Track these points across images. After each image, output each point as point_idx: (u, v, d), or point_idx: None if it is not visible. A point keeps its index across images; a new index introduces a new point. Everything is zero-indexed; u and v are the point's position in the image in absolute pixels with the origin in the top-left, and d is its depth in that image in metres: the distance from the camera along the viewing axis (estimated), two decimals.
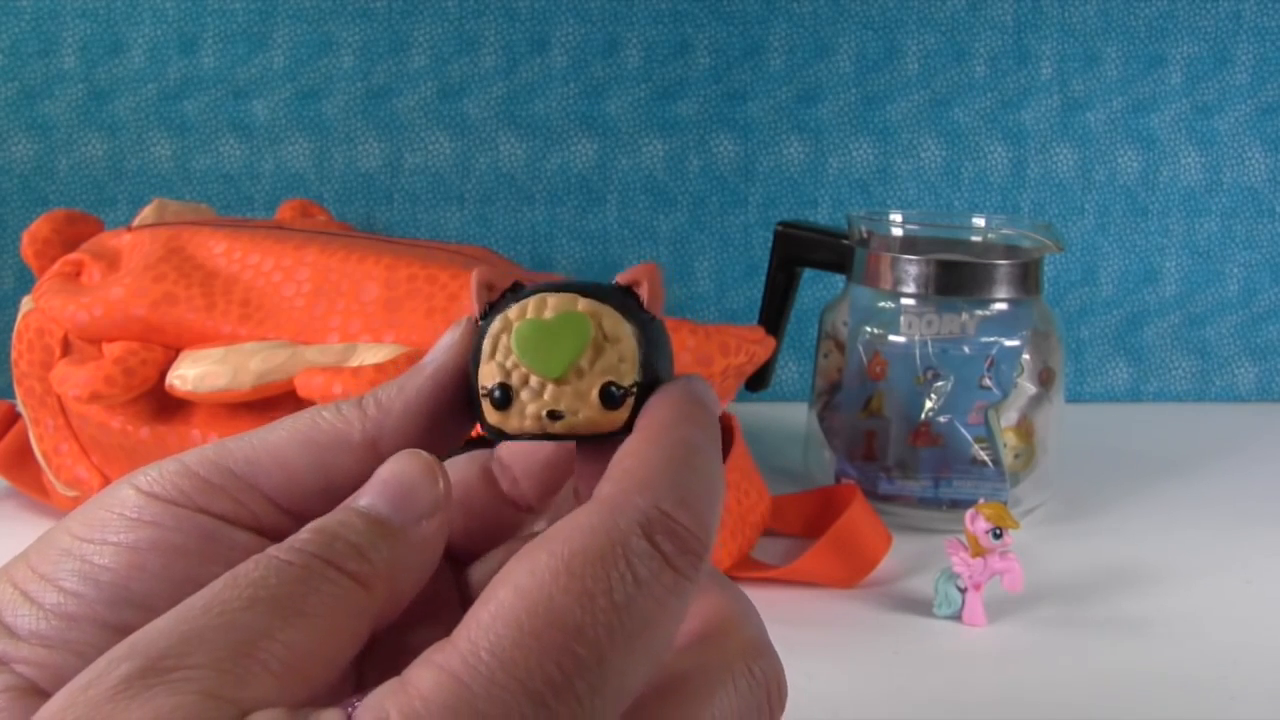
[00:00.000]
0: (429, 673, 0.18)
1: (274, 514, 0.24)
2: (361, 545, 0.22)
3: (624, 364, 0.23)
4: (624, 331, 0.24)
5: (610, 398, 0.23)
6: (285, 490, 0.24)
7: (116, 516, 0.23)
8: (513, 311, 0.24)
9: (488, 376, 0.24)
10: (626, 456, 0.22)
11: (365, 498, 0.23)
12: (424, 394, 0.25)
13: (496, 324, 0.24)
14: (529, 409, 0.24)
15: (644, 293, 0.24)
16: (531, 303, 0.24)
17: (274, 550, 0.21)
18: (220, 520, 0.24)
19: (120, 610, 0.23)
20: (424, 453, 0.24)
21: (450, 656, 0.19)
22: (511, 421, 0.24)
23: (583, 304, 0.24)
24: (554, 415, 0.23)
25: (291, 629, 0.20)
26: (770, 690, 0.23)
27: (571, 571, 0.19)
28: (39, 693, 0.21)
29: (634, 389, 0.23)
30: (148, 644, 0.19)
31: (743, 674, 0.23)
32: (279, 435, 0.25)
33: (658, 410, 0.23)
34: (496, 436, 0.24)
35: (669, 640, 0.20)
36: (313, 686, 0.20)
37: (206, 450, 0.25)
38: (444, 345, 0.25)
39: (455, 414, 0.25)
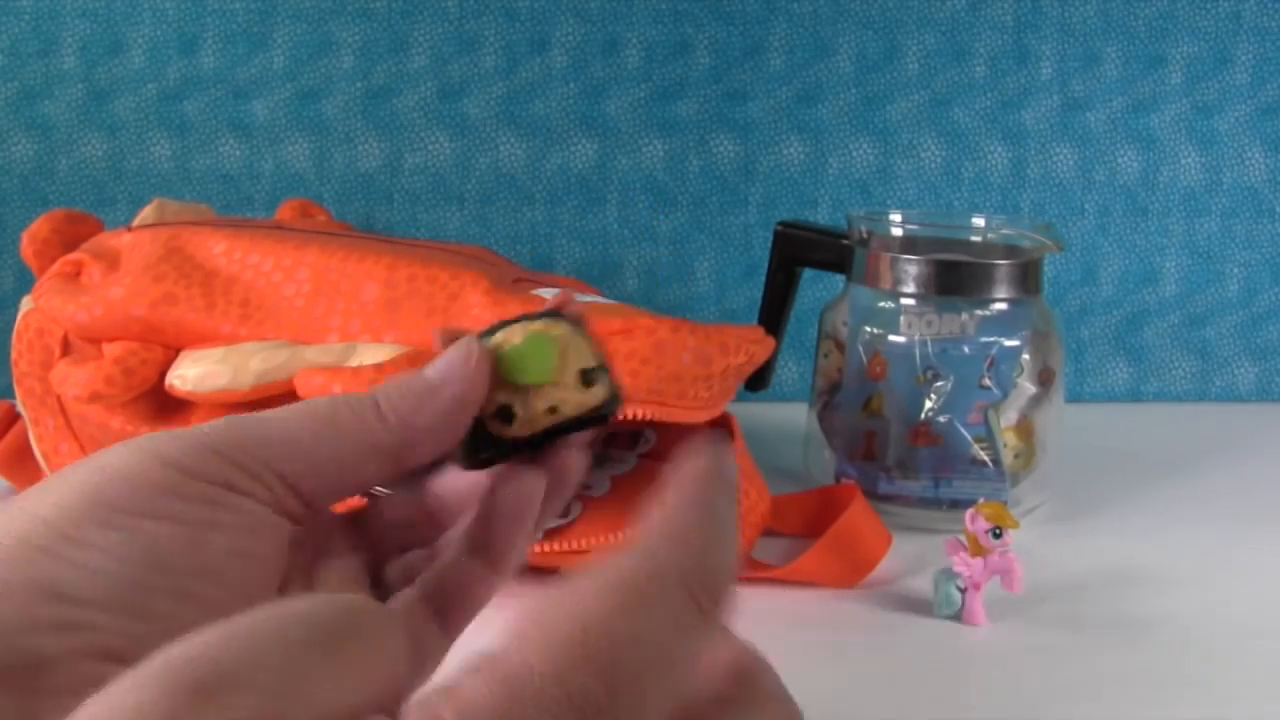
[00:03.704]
0: (481, 681, 0.19)
1: (288, 497, 0.26)
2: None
3: (586, 354, 0.29)
4: (572, 334, 0.29)
5: (588, 377, 0.29)
6: (300, 475, 0.26)
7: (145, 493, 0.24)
8: (489, 344, 0.29)
9: (488, 403, 0.29)
10: (664, 514, 0.23)
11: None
12: (443, 412, 0.28)
13: None
14: (525, 417, 0.28)
15: (570, 312, 0.30)
16: (500, 335, 0.29)
17: None
18: (226, 489, 0.25)
19: (171, 577, 0.23)
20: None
21: (504, 666, 0.20)
22: (515, 429, 0.28)
23: (539, 324, 0.29)
24: (551, 410, 0.28)
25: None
26: None
27: (628, 607, 0.21)
28: (120, 661, 0.21)
29: (601, 369, 0.29)
30: (197, 662, 0.19)
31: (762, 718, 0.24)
32: (294, 423, 0.26)
33: (688, 478, 0.24)
34: (493, 455, 0.29)
35: (690, 683, 0.22)
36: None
37: (224, 426, 0.25)
38: (459, 367, 0.28)
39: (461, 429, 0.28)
